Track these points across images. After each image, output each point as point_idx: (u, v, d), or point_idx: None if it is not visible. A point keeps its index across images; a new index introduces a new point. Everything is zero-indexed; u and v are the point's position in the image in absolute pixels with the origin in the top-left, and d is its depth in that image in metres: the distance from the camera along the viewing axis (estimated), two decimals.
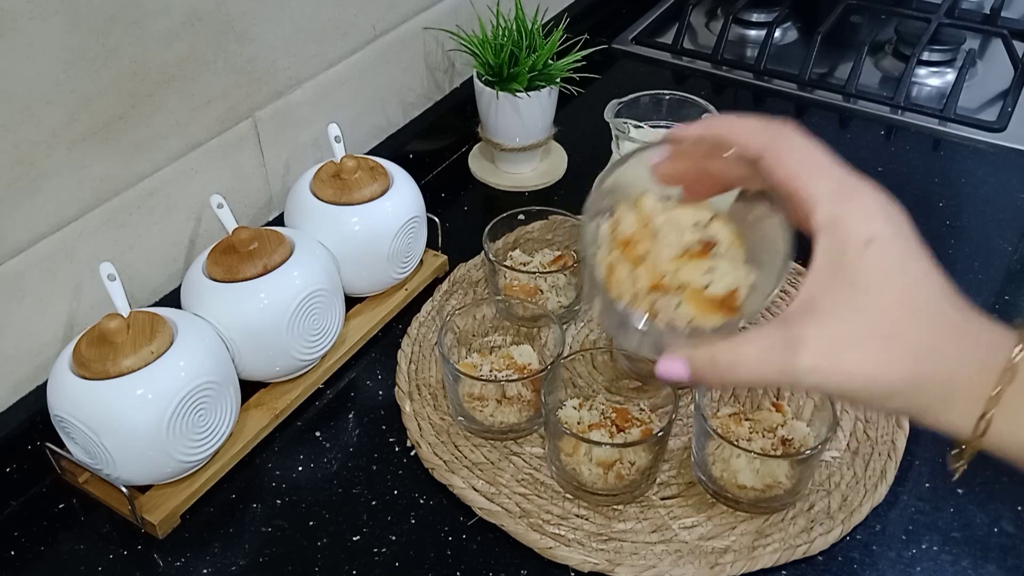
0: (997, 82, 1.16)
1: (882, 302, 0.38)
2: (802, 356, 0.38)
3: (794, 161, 0.40)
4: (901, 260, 0.39)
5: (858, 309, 0.38)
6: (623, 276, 0.42)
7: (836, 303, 0.38)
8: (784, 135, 0.41)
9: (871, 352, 0.38)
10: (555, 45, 0.95)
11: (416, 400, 0.75)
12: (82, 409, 0.62)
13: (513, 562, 0.64)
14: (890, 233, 0.39)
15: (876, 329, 0.38)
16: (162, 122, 0.73)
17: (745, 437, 0.67)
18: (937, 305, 0.39)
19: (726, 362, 0.40)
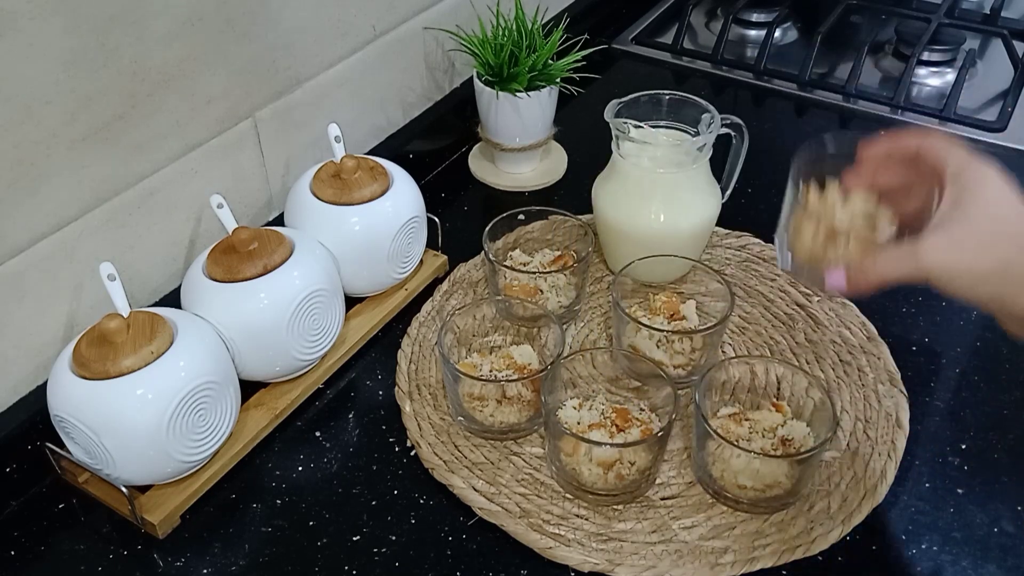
0: (997, 82, 1.16)
1: (986, 219, 0.53)
2: (923, 252, 0.53)
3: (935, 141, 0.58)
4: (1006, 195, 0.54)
5: (969, 222, 0.53)
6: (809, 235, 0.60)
7: (951, 221, 0.54)
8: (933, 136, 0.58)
9: (971, 245, 0.53)
10: (555, 45, 0.95)
11: (416, 400, 0.75)
12: (82, 409, 0.62)
13: (513, 562, 0.64)
14: (1000, 177, 0.55)
15: (982, 229, 0.53)
16: (162, 122, 0.73)
17: (745, 437, 0.67)
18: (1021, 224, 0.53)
19: (871, 266, 0.56)
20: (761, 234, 0.91)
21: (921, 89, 1.17)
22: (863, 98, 1.13)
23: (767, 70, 1.19)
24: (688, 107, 0.82)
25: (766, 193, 0.98)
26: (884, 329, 0.81)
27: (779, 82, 1.18)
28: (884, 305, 0.83)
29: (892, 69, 1.20)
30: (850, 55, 1.17)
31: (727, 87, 1.19)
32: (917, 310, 0.83)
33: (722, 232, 0.91)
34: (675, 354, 0.74)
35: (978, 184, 0.55)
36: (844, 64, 1.18)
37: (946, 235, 0.54)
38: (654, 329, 0.73)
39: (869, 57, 1.20)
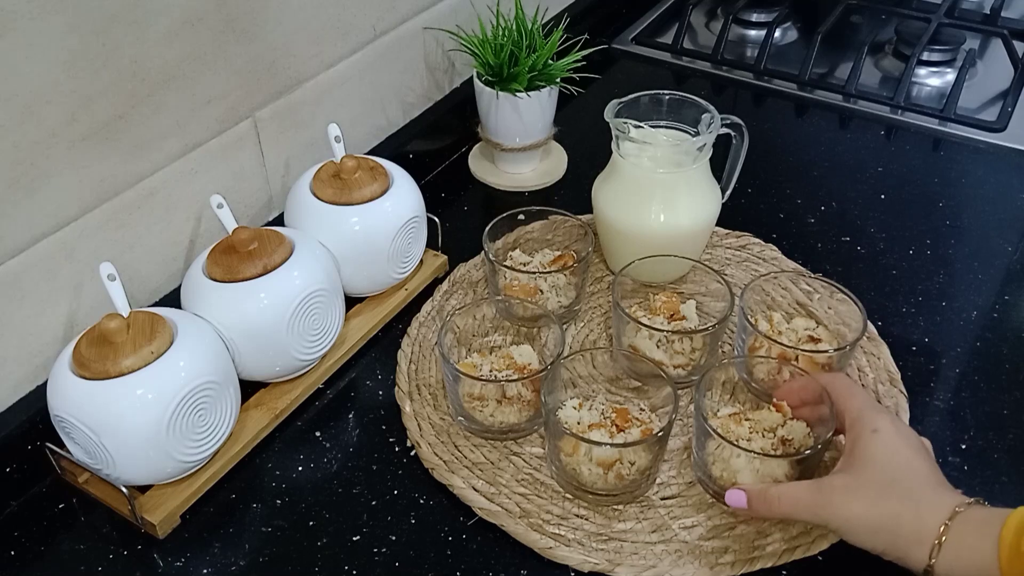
0: (997, 82, 1.16)
1: (880, 468, 0.59)
2: (825, 497, 0.59)
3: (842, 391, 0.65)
4: (896, 445, 0.60)
5: (865, 471, 0.59)
6: None
7: (854, 468, 0.60)
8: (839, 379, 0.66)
9: (869, 496, 0.58)
10: (555, 45, 0.95)
11: (416, 400, 0.75)
12: (82, 409, 0.62)
13: (513, 562, 0.64)
14: (891, 428, 0.61)
15: (874, 483, 0.58)
16: (162, 122, 0.73)
17: (745, 437, 0.67)
18: (918, 478, 0.59)
19: (774, 496, 0.60)
20: (761, 234, 0.91)
21: (921, 89, 1.17)
22: (863, 98, 1.13)
23: (767, 70, 1.19)
24: (688, 107, 0.82)
25: (766, 193, 0.98)
26: (884, 329, 0.81)
27: (779, 82, 1.18)
28: (884, 305, 0.83)
29: (892, 69, 1.20)
30: (850, 55, 1.17)
31: (727, 87, 1.19)
32: (917, 310, 0.83)
33: (722, 232, 0.91)
34: (675, 354, 0.74)
35: (870, 438, 0.60)
36: (844, 64, 1.18)
37: (844, 482, 0.59)
38: (654, 329, 0.73)
39: (869, 57, 1.20)
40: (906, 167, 1.02)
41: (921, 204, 0.95)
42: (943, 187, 0.98)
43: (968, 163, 1.02)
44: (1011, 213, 0.94)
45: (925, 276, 0.86)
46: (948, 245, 0.90)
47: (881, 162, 1.02)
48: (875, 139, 1.08)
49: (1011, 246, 0.90)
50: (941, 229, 0.92)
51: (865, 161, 1.02)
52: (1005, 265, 0.88)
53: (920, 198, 0.96)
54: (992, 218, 0.93)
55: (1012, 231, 0.92)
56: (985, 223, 0.93)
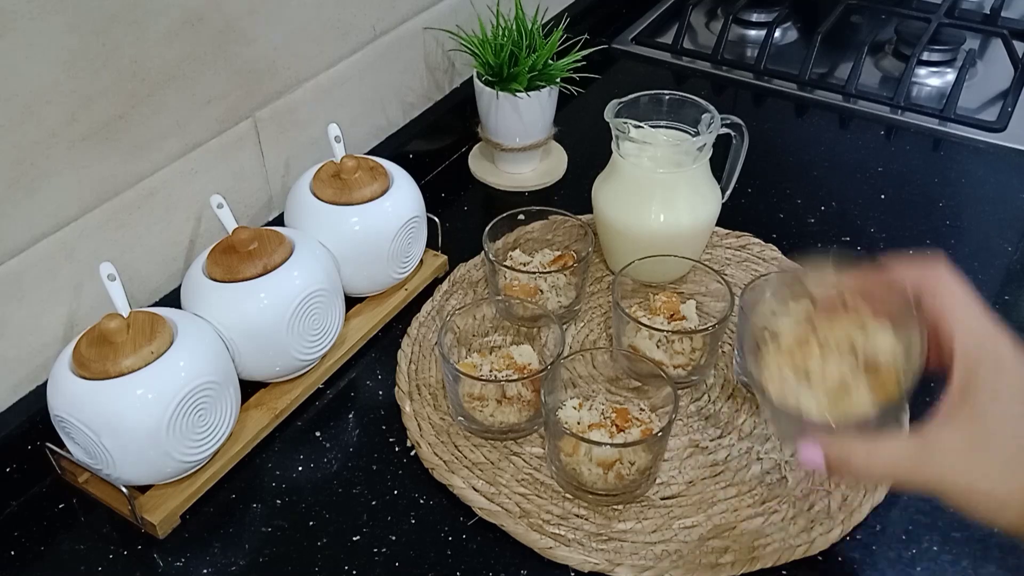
0: (997, 82, 1.16)
1: (1008, 415, 0.45)
2: (934, 458, 0.45)
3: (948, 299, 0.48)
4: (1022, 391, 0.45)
5: (987, 419, 0.45)
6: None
7: (968, 415, 0.45)
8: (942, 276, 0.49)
9: (997, 462, 0.44)
10: (555, 45, 0.95)
11: (416, 400, 0.75)
12: (82, 409, 0.62)
13: (513, 562, 0.64)
14: (1019, 362, 0.46)
15: (1001, 442, 0.44)
16: (162, 122, 0.73)
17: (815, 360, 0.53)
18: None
19: (861, 458, 0.47)
20: (761, 234, 0.91)
21: (921, 89, 1.17)
22: (863, 98, 1.13)
23: (767, 70, 1.19)
24: (688, 107, 0.82)
25: (766, 193, 0.98)
26: None
27: (779, 82, 1.18)
28: None
29: (892, 69, 1.20)
30: (850, 55, 1.17)
31: (727, 87, 1.19)
32: None
33: (722, 232, 0.91)
34: (675, 354, 0.74)
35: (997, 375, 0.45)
36: (844, 64, 1.18)
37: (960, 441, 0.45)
38: (654, 329, 0.73)
39: (869, 57, 1.20)
40: (906, 167, 1.02)
41: (921, 204, 0.95)
42: (943, 187, 0.98)
43: (968, 163, 1.02)
44: (1011, 213, 0.94)
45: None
46: (948, 245, 0.90)
47: (881, 162, 1.02)
48: (875, 139, 1.08)
49: (1011, 246, 0.90)
50: (941, 229, 0.92)
51: (865, 161, 1.02)
52: (1005, 265, 0.88)
53: (920, 198, 0.96)
54: (992, 218, 0.93)
55: (1012, 231, 0.92)
56: (985, 223, 0.93)
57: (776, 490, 0.67)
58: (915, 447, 0.46)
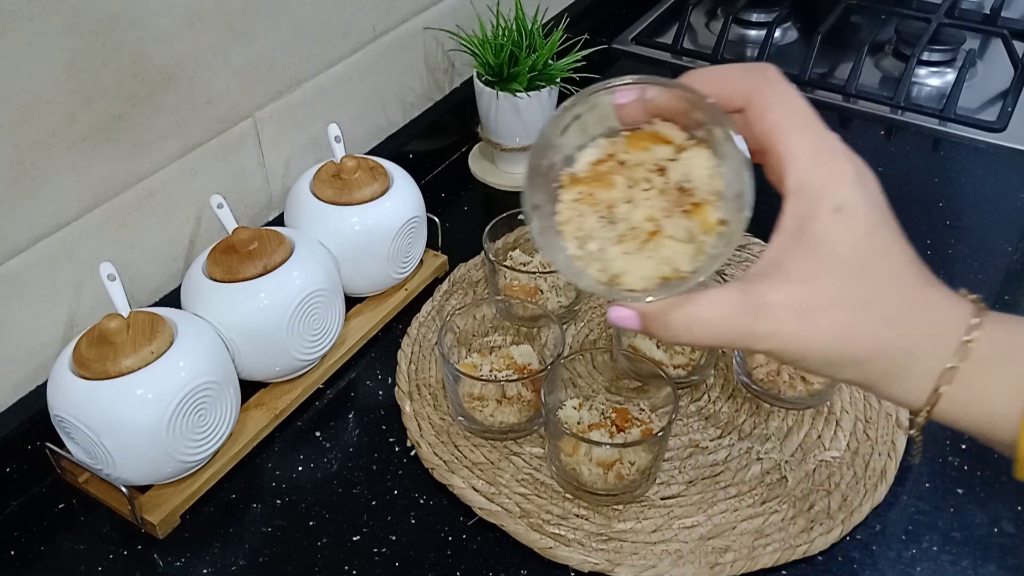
0: (997, 82, 1.16)
1: (848, 269, 0.38)
2: (761, 320, 0.38)
3: (777, 114, 0.39)
4: (869, 228, 0.38)
5: (822, 275, 0.38)
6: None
7: (801, 267, 0.38)
8: (769, 83, 0.40)
9: (834, 319, 0.38)
10: (555, 45, 0.95)
11: (416, 400, 0.75)
12: (82, 409, 0.62)
13: (513, 562, 0.64)
14: (861, 201, 0.38)
15: (840, 296, 0.38)
16: (162, 122, 0.73)
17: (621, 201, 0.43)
18: (902, 276, 0.39)
19: (681, 321, 0.40)
20: (761, 234, 0.91)
21: (921, 89, 1.17)
22: (863, 98, 1.13)
23: None
24: None
25: (766, 193, 0.97)
26: None
27: None
28: None
29: (892, 69, 1.20)
30: (850, 55, 1.17)
31: None
32: None
33: None
34: (675, 354, 0.74)
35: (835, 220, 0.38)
36: (844, 64, 1.18)
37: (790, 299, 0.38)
38: None
39: (869, 57, 1.20)
40: (906, 167, 1.02)
41: (921, 204, 0.95)
42: (943, 187, 0.98)
43: (968, 163, 1.02)
44: (1011, 213, 0.94)
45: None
46: (948, 245, 0.90)
47: (881, 162, 1.02)
48: (875, 139, 1.08)
49: (1011, 246, 0.90)
50: (941, 229, 0.92)
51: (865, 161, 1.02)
52: (1005, 265, 0.88)
53: (920, 198, 0.96)
54: (992, 218, 0.93)
55: (1012, 231, 0.92)
56: (985, 223, 0.93)
57: (776, 490, 0.67)
58: (741, 307, 0.38)
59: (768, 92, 0.40)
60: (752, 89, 0.40)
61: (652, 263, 0.41)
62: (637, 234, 0.42)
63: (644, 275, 0.41)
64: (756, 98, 0.40)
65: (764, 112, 0.39)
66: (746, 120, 0.40)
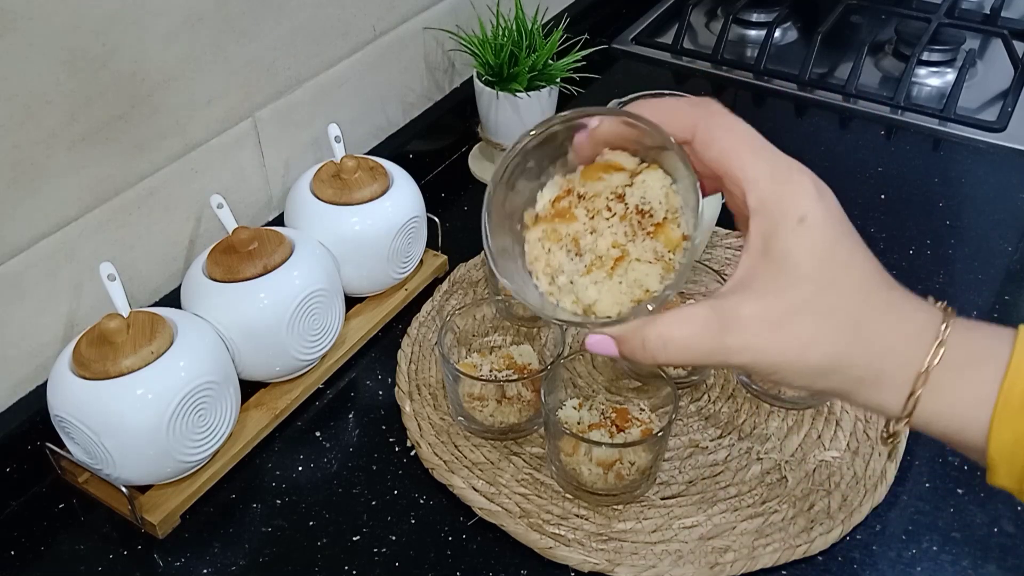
0: (997, 82, 1.16)
1: (814, 279, 0.39)
2: (733, 334, 0.39)
3: (727, 141, 0.40)
4: (832, 239, 0.39)
5: (790, 287, 0.39)
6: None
7: (768, 281, 0.39)
8: (714, 114, 0.41)
9: (804, 328, 0.39)
10: (555, 45, 0.95)
11: (416, 400, 0.75)
12: (82, 409, 0.62)
13: (513, 562, 0.64)
14: (821, 213, 0.39)
15: (808, 305, 0.39)
16: (162, 122, 0.73)
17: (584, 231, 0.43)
18: (868, 283, 0.40)
19: (656, 342, 0.40)
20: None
21: (921, 89, 1.17)
22: (863, 98, 1.13)
23: (767, 70, 1.19)
24: None
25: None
26: None
27: (779, 82, 1.18)
28: None
29: (892, 69, 1.20)
30: (850, 55, 1.17)
31: (727, 87, 1.19)
32: None
33: (722, 232, 0.91)
34: None
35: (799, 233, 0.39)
36: (844, 64, 1.18)
37: (761, 311, 0.39)
38: None
39: (869, 57, 1.20)
40: (906, 167, 1.02)
41: (921, 204, 0.95)
42: (943, 187, 0.98)
43: (968, 163, 1.02)
44: (1011, 213, 0.94)
45: (925, 276, 0.86)
46: (948, 245, 0.90)
47: (881, 162, 1.02)
48: (875, 139, 1.08)
49: (1011, 246, 0.90)
50: (941, 229, 0.92)
51: (865, 161, 1.02)
52: (1005, 265, 0.88)
53: (920, 198, 0.96)
54: (992, 218, 0.93)
55: (1012, 231, 0.92)
56: (985, 223, 0.93)
57: (776, 490, 0.67)
58: (713, 323, 0.39)
59: (713, 122, 0.41)
60: (697, 121, 0.41)
61: (623, 288, 0.42)
62: (605, 262, 0.42)
63: (617, 301, 0.42)
64: (701, 128, 0.41)
65: (712, 141, 0.40)
66: (694, 150, 0.41)
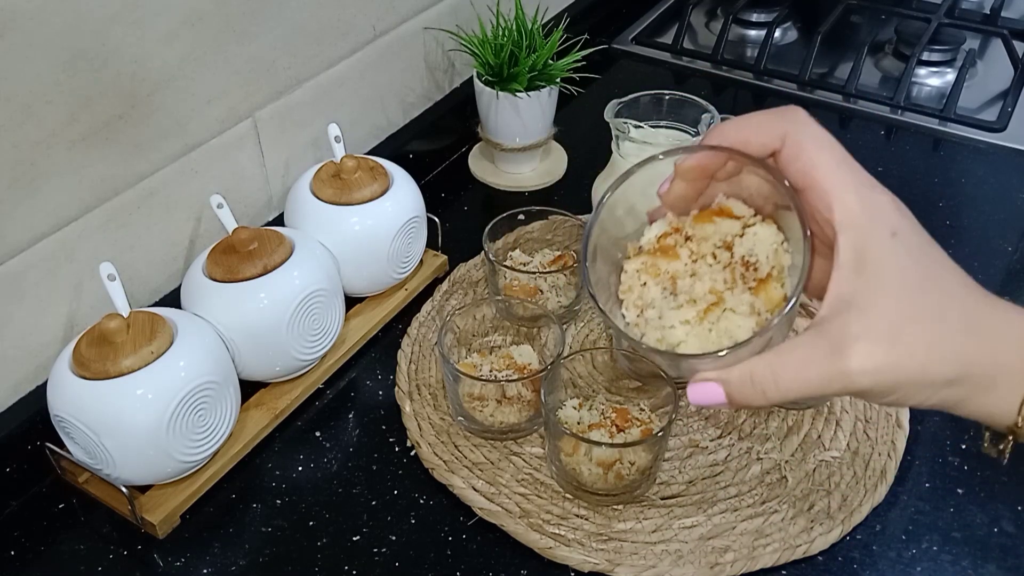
0: (997, 82, 1.16)
1: (918, 287, 0.38)
2: (851, 355, 0.37)
3: (815, 153, 0.40)
4: (926, 249, 0.39)
5: (896, 297, 0.38)
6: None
7: (871, 296, 0.38)
8: (800, 125, 0.41)
9: (921, 336, 0.38)
10: (555, 45, 0.95)
11: (416, 400, 0.75)
12: (82, 409, 0.62)
13: (513, 562, 0.64)
14: (908, 225, 0.40)
15: (919, 312, 0.38)
16: (162, 122, 0.73)
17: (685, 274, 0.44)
18: (967, 286, 0.40)
19: (765, 376, 0.39)
20: None
21: (921, 89, 1.17)
22: (863, 98, 1.13)
23: (767, 70, 1.19)
24: (688, 107, 0.82)
25: None
26: None
27: (779, 82, 1.18)
28: None
29: (892, 69, 1.20)
30: (850, 55, 1.17)
31: (727, 87, 1.19)
32: None
33: None
34: None
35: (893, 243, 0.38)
36: (844, 64, 1.18)
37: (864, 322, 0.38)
38: None
39: (869, 57, 1.20)
40: (906, 167, 1.02)
41: (921, 204, 0.95)
42: (943, 187, 0.98)
43: (968, 163, 1.02)
44: (1011, 213, 0.94)
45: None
46: (948, 245, 0.88)
47: (881, 162, 1.02)
48: (875, 139, 1.08)
49: (1011, 246, 0.90)
50: (941, 229, 0.92)
51: (865, 161, 1.01)
52: (1005, 265, 0.88)
53: (920, 198, 0.96)
54: (992, 218, 0.93)
55: (1012, 231, 0.92)
56: (985, 223, 0.93)
57: (776, 490, 0.67)
58: (823, 348, 0.38)
59: (802, 132, 0.40)
60: (786, 130, 0.41)
61: (712, 335, 0.41)
62: (698, 305, 0.42)
63: (703, 346, 0.41)
64: (791, 139, 0.40)
65: (800, 153, 0.40)
66: (780, 161, 0.41)
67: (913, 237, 0.39)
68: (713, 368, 0.40)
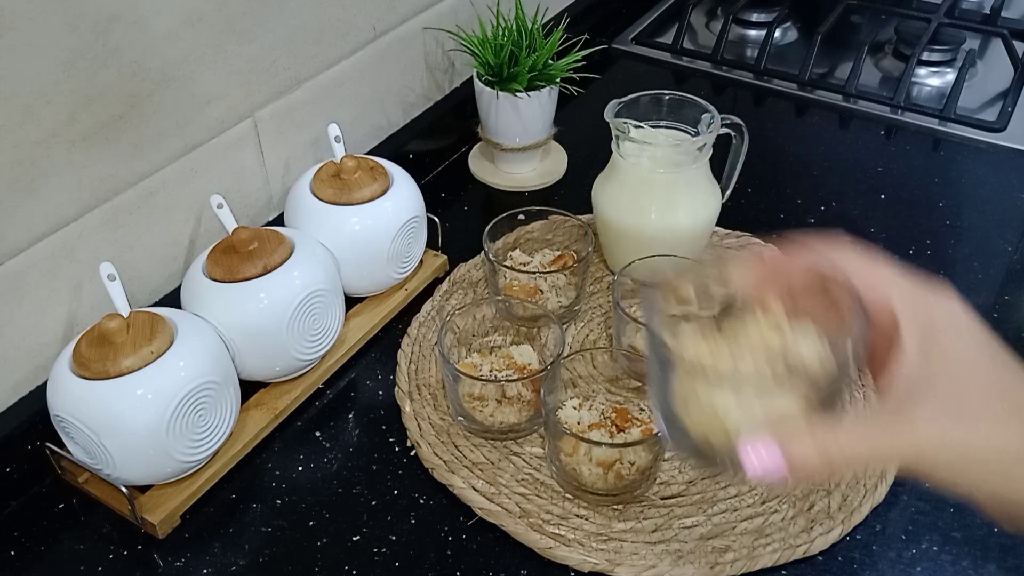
0: (997, 82, 1.16)
1: (984, 367, 0.40)
2: (920, 430, 0.38)
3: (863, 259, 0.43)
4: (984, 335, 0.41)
5: (962, 381, 0.39)
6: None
7: (938, 378, 0.40)
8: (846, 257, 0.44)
9: (988, 416, 0.39)
10: (555, 45, 0.95)
11: (416, 400, 0.75)
12: (82, 409, 0.62)
13: (513, 562, 0.64)
14: (962, 311, 0.42)
15: (986, 392, 0.39)
16: (162, 122, 0.73)
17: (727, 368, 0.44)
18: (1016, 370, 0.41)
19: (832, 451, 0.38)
20: (761, 234, 0.91)
21: (921, 89, 1.17)
22: (863, 98, 1.13)
23: (767, 70, 1.19)
24: (688, 107, 0.82)
25: (766, 193, 0.98)
26: None
27: (779, 82, 1.18)
28: None
29: (892, 69, 1.20)
30: (850, 55, 1.17)
31: (727, 87, 1.19)
32: None
33: (722, 232, 0.91)
34: None
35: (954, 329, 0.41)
36: (844, 64, 1.18)
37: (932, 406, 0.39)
38: None
39: (869, 57, 1.20)
40: (906, 167, 1.02)
41: (921, 204, 0.95)
42: (943, 187, 0.98)
43: (968, 163, 1.02)
44: (1011, 213, 0.94)
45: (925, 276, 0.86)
46: (948, 245, 0.90)
47: (881, 162, 1.02)
48: (875, 139, 1.08)
49: (1011, 246, 0.90)
50: (941, 229, 0.92)
51: (865, 161, 1.02)
52: (1005, 265, 0.88)
53: (920, 198, 0.96)
54: (992, 218, 0.93)
55: (1012, 231, 0.92)
56: (985, 223, 0.93)
57: (776, 490, 0.67)
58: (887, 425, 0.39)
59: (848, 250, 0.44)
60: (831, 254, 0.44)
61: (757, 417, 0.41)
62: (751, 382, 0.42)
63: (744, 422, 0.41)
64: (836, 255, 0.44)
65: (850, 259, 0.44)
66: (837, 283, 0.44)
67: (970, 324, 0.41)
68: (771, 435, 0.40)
